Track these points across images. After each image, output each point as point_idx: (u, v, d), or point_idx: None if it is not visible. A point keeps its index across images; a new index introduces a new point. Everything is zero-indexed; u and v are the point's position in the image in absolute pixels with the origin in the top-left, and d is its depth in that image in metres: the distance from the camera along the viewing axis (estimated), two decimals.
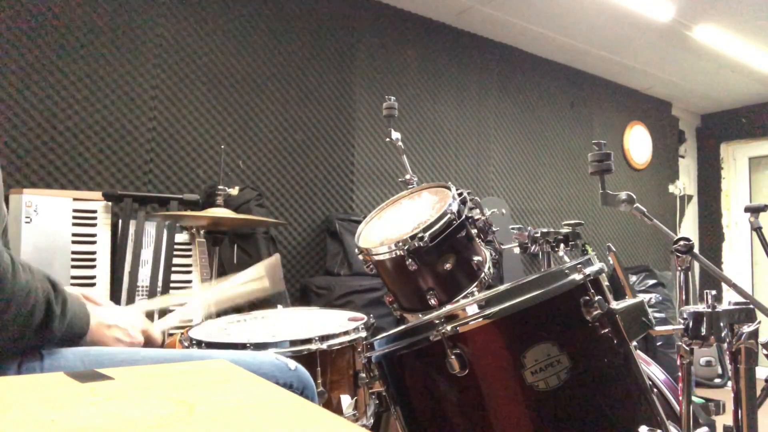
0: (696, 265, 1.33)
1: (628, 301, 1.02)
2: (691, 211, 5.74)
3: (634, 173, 5.11)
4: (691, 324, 0.98)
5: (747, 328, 0.96)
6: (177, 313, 1.18)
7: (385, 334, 1.08)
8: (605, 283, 1.06)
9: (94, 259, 2.20)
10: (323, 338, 1.37)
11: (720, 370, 4.38)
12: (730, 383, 0.99)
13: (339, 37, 3.32)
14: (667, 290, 4.44)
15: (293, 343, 1.34)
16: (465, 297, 1.36)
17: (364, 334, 1.47)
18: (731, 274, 5.41)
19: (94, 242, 2.20)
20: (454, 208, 1.37)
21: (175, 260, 2.32)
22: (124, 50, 2.58)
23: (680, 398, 1.04)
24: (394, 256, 1.34)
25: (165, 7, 2.71)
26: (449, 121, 3.80)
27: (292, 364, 1.03)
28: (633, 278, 4.45)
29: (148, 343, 1.03)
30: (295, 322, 1.63)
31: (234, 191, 2.36)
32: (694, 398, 1.06)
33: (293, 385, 1.00)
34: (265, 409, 0.55)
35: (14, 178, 2.28)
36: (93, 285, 2.16)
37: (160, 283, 2.23)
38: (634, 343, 1.03)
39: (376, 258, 1.39)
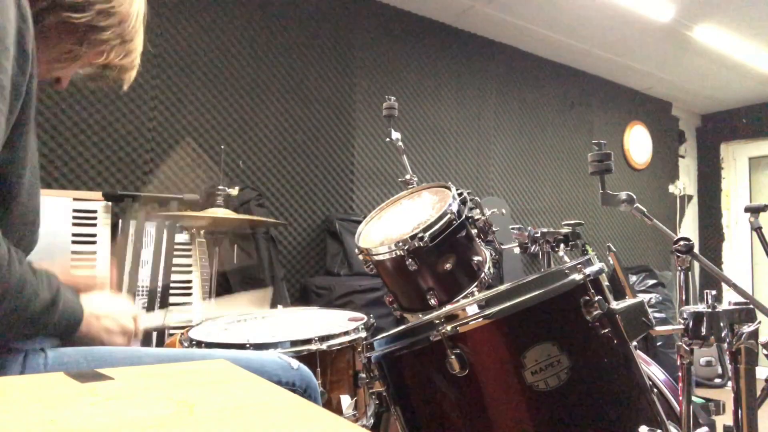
0: (696, 265, 1.34)
1: (628, 301, 1.01)
2: (691, 211, 5.74)
3: (634, 173, 5.11)
4: (691, 324, 0.98)
5: (747, 328, 0.96)
6: (162, 315, 1.19)
7: (385, 334, 1.08)
8: (605, 283, 1.06)
9: (94, 259, 2.19)
10: (323, 338, 1.37)
11: (720, 370, 4.38)
12: (730, 383, 0.99)
13: (339, 37, 3.32)
14: (667, 290, 4.44)
15: (293, 343, 1.34)
16: (465, 297, 1.36)
17: (364, 334, 1.47)
18: (731, 274, 5.41)
19: (94, 242, 2.20)
20: (454, 208, 1.36)
21: (175, 260, 2.31)
22: None
23: (680, 398, 1.04)
24: (394, 256, 1.34)
25: (165, 7, 2.71)
26: (449, 121, 3.80)
27: (295, 363, 1.03)
28: (633, 278, 4.45)
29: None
30: (295, 322, 1.63)
31: (234, 191, 2.36)
32: (694, 398, 1.06)
33: (295, 383, 1.00)
34: (266, 409, 0.55)
35: None
36: None
37: (160, 283, 2.23)
38: (634, 343, 1.03)
39: (376, 258, 1.39)
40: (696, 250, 1.09)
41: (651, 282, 4.44)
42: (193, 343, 1.37)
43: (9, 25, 0.73)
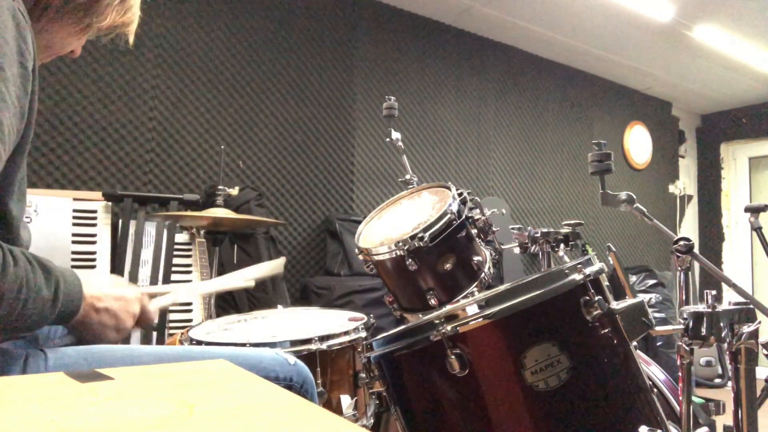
0: (696, 265, 1.33)
1: (628, 301, 1.01)
2: (691, 211, 5.74)
3: (634, 173, 5.11)
4: (691, 324, 0.98)
5: (747, 328, 0.96)
6: (173, 294, 1.16)
7: (385, 334, 1.08)
8: (605, 283, 1.06)
9: (94, 259, 2.20)
10: (323, 338, 1.37)
11: (720, 370, 4.38)
12: (730, 383, 0.99)
13: (339, 37, 3.32)
14: (667, 290, 4.44)
15: (293, 343, 1.34)
16: (465, 297, 1.36)
17: (364, 334, 1.47)
18: (731, 274, 5.41)
19: (94, 242, 2.20)
20: (454, 208, 1.36)
21: (175, 260, 2.32)
22: (124, 50, 2.58)
23: (680, 398, 1.04)
24: (394, 256, 1.34)
25: (165, 7, 2.71)
26: (449, 121, 3.80)
27: (292, 359, 1.04)
28: (633, 278, 4.45)
29: (142, 318, 0.98)
30: (295, 322, 1.63)
31: (234, 191, 2.36)
32: (694, 398, 1.06)
33: (293, 378, 1.00)
34: (265, 409, 0.55)
35: None
36: None
37: (160, 284, 2.23)
38: (634, 343, 1.03)
39: (376, 258, 1.39)
40: (696, 250, 1.09)
41: (651, 282, 4.44)
42: (193, 342, 1.37)
43: (10, 51, 0.75)
